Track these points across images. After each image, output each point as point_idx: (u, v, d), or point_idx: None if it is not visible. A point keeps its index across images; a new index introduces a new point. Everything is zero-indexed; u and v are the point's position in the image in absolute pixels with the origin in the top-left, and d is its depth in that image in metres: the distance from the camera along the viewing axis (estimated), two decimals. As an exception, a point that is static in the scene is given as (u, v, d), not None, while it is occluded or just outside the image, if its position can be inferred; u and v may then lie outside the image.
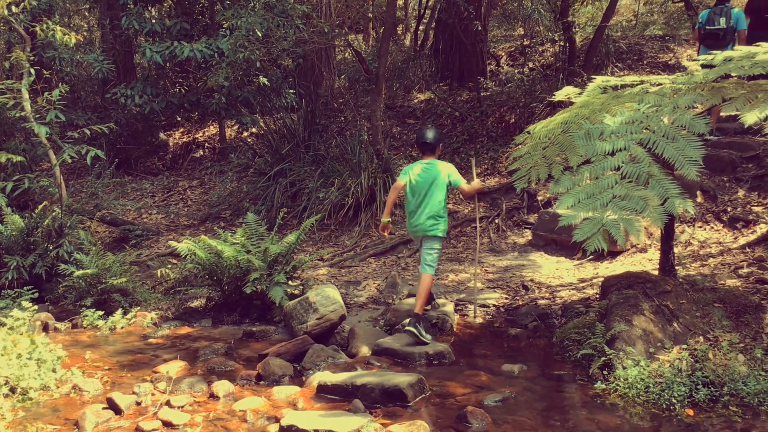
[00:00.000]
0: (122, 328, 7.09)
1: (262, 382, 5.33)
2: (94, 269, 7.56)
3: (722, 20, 8.71)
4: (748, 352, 4.85)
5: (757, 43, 5.36)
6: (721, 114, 8.98)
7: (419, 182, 6.22)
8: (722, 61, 5.18)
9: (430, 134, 6.40)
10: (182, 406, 4.79)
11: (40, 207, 8.85)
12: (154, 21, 12.32)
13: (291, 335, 6.40)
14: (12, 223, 8.46)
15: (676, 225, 7.31)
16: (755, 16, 9.19)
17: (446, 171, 6.24)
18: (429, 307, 6.64)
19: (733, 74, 5.14)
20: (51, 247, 8.35)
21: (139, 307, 7.56)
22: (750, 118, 4.35)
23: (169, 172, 14.08)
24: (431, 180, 6.19)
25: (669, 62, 13.32)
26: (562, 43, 13.38)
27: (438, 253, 6.27)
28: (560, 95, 6.19)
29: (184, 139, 15.21)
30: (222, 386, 5.08)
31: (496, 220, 9.81)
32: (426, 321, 6.24)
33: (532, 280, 7.75)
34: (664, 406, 4.48)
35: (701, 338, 5.08)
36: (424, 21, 16.36)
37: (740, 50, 5.25)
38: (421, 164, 6.31)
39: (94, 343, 6.64)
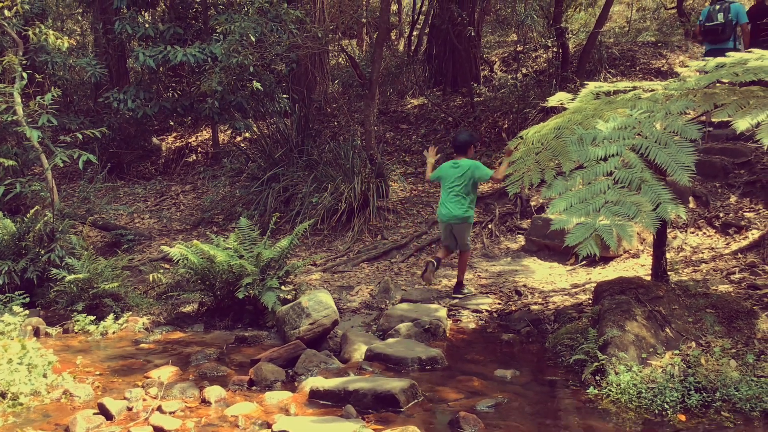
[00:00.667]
0: (114, 333, 7.06)
1: (254, 388, 5.31)
2: (85, 274, 7.52)
3: (720, 15, 8.90)
4: (740, 357, 4.86)
5: (749, 50, 5.39)
6: (713, 120, 9.04)
7: (449, 178, 7.25)
8: (714, 68, 5.20)
9: (461, 137, 7.50)
10: (174, 412, 4.77)
11: (32, 211, 8.81)
12: (147, 25, 12.31)
13: (283, 340, 6.38)
14: (3, 228, 8.41)
15: (668, 230, 7.33)
16: (753, 24, 9.37)
17: (472, 168, 7.17)
18: (461, 294, 7.51)
19: (724, 80, 5.16)
20: (43, 252, 8.30)
21: (130, 312, 7.53)
22: (742, 124, 4.37)
23: (162, 176, 14.05)
24: (459, 176, 7.18)
25: (661, 68, 13.38)
26: (555, 49, 13.43)
27: (470, 235, 7.53)
28: (553, 101, 6.20)
29: (177, 144, 15.18)
30: (214, 391, 5.05)
31: (489, 226, 9.81)
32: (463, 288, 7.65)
33: (525, 286, 7.76)
34: (657, 411, 4.48)
35: (693, 344, 5.09)
36: (418, 26, 16.40)
37: (732, 57, 5.27)
38: (451, 163, 7.35)
39: (86, 348, 6.60)
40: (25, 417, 4.79)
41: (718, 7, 9.03)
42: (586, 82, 6.35)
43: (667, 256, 6.52)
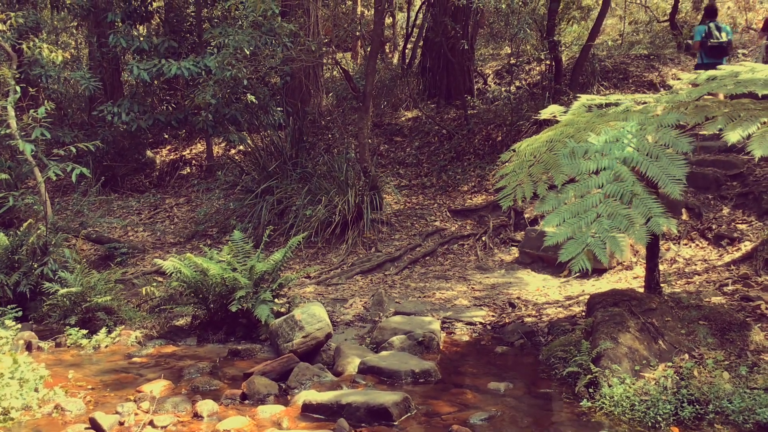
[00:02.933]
0: (106, 347, 7.03)
1: (246, 402, 5.29)
2: (78, 287, 7.50)
3: (723, 34, 9.69)
4: (733, 369, 4.86)
5: (742, 63, 5.43)
6: (705, 132, 9.13)
7: None
8: (706, 81, 5.23)
9: None
10: (165, 426, 4.75)
11: (25, 225, 8.79)
12: (141, 39, 12.33)
13: (277, 353, 6.37)
14: (-4, 241, 8.40)
15: (661, 242, 7.35)
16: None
17: None
18: None
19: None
20: (36, 265, 8.28)
21: (123, 326, 7.50)
22: (733, 136, 4.39)
23: (156, 189, 14.03)
24: None
25: (654, 81, 13.44)
26: (548, 62, 13.48)
27: None
28: (546, 113, 6.23)
29: (171, 157, 15.18)
30: (206, 406, 5.04)
31: (483, 238, 9.82)
32: None
33: (518, 298, 7.76)
34: (650, 424, 4.48)
35: (686, 356, 5.09)
36: (412, 40, 16.45)
37: (724, 69, 5.31)
38: None
39: (78, 362, 6.57)
40: (16, 432, 4.77)
41: (716, 27, 9.77)
42: (578, 95, 6.38)
43: (660, 268, 6.53)
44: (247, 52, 10.22)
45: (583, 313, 6.50)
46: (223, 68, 10.28)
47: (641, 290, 6.19)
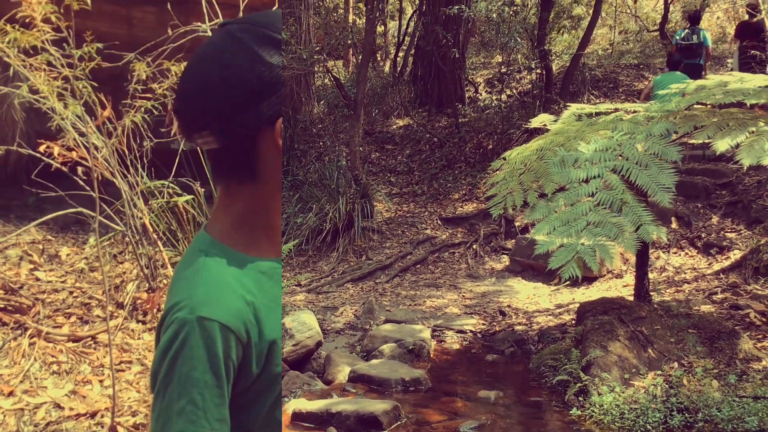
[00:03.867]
0: (95, 354, 6.99)
1: (236, 410, 5.26)
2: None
3: (695, 37, 10.47)
4: (722, 377, 4.87)
5: (730, 72, 5.47)
6: (694, 141, 9.21)
7: None
8: (695, 90, 5.26)
9: None
10: (154, 435, 4.71)
11: None
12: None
13: (267, 362, 6.33)
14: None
15: (651, 251, 7.37)
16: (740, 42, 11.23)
17: None
18: None
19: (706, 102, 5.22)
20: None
21: (112, 334, 7.46)
22: (722, 145, 4.41)
23: (147, 196, 13.96)
24: None
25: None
26: (539, 71, 13.54)
27: None
28: (536, 122, 6.24)
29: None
30: (195, 414, 5.00)
31: (474, 246, 9.83)
32: None
33: (509, 306, 7.76)
34: (640, 432, 4.48)
35: (676, 364, 5.10)
36: (404, 48, 16.50)
37: (713, 79, 5.34)
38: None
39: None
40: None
41: (692, 31, 10.57)
42: (569, 104, 6.40)
43: (650, 276, 6.55)
44: (239, 60, 10.21)
45: (573, 322, 6.51)
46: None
47: (631, 298, 6.21)
